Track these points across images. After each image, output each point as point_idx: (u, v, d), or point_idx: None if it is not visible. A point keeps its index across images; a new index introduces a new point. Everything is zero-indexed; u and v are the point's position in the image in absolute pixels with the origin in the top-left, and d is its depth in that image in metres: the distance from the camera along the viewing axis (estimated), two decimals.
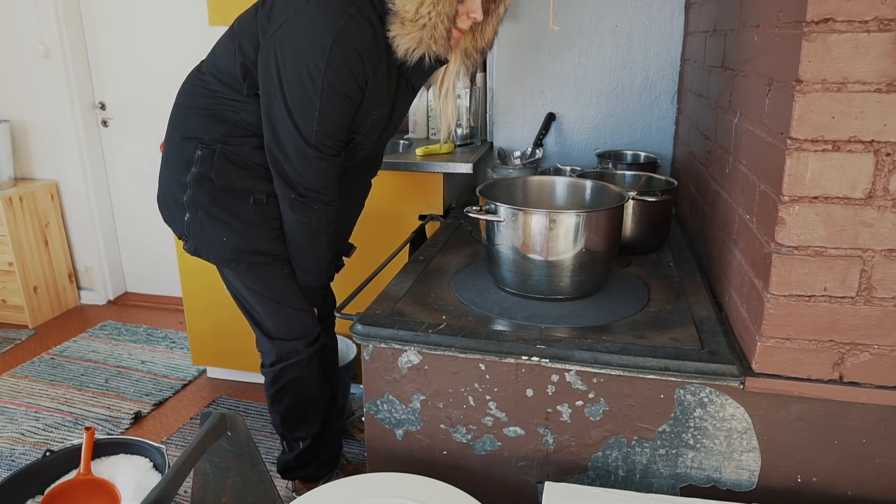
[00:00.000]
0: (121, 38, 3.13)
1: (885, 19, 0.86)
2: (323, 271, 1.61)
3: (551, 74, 2.29)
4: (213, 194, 1.48)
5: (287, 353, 1.66)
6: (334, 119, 1.37)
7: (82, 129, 3.22)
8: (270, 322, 1.64)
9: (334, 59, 1.30)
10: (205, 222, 1.50)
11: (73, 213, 3.37)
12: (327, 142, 1.39)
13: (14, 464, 2.12)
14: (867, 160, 0.92)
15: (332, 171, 1.44)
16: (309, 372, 1.69)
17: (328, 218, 1.50)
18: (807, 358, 1.03)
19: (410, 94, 1.57)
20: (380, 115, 1.49)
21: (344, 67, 1.31)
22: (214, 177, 1.47)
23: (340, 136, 1.42)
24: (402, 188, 2.13)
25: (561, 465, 1.19)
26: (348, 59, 1.31)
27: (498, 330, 1.20)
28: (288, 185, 1.43)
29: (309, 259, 1.56)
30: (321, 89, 1.32)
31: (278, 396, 1.71)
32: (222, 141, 1.47)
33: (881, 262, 0.95)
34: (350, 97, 1.37)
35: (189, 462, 1.06)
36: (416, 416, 1.24)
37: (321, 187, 1.44)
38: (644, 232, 1.60)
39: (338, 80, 1.32)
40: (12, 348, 2.96)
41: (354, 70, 1.33)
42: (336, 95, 1.34)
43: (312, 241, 1.52)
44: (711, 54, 1.61)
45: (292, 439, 1.78)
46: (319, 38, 1.29)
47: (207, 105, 1.49)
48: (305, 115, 1.35)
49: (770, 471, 1.10)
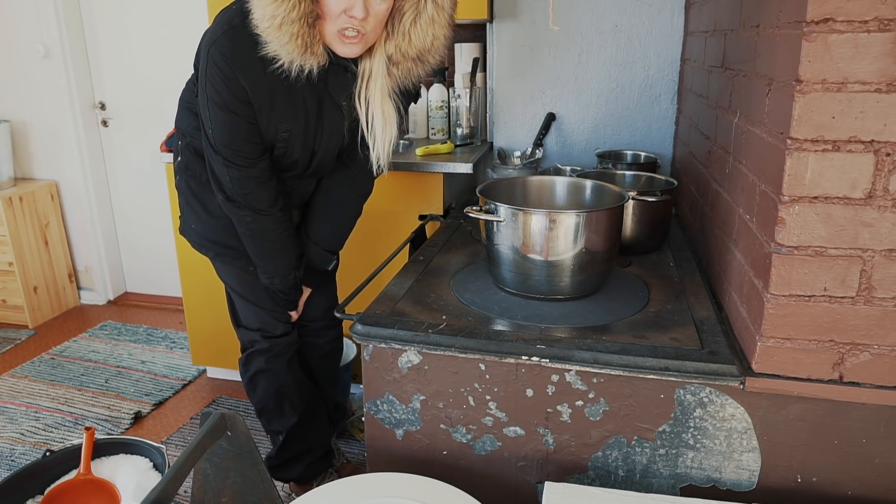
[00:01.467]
0: (121, 38, 3.13)
1: (885, 19, 0.86)
2: (276, 277, 1.59)
3: (551, 74, 2.29)
4: (189, 183, 1.58)
5: (249, 341, 1.72)
6: (226, 131, 1.35)
7: (82, 129, 3.22)
8: (240, 311, 1.72)
9: (210, 69, 1.30)
10: (184, 207, 1.62)
11: (73, 213, 3.37)
12: (228, 152, 1.37)
13: (14, 464, 2.12)
14: (867, 160, 0.92)
15: (247, 180, 1.41)
16: (277, 365, 1.72)
17: (262, 226, 1.48)
18: (807, 358, 1.03)
19: (338, 113, 1.44)
20: (294, 130, 1.41)
21: (218, 79, 1.29)
22: (186, 167, 1.57)
23: (244, 147, 1.37)
24: (402, 188, 2.13)
25: (561, 465, 1.19)
26: (221, 72, 1.29)
27: (498, 330, 1.20)
28: (217, 187, 1.47)
29: (258, 262, 1.58)
30: (207, 100, 1.34)
31: (251, 386, 1.77)
32: (192, 134, 1.53)
33: (881, 262, 0.95)
34: (232, 110, 1.32)
35: (189, 462, 1.06)
36: (416, 416, 1.24)
37: (241, 195, 1.43)
38: (644, 232, 1.60)
39: (215, 92, 1.31)
40: (12, 348, 2.96)
41: (228, 82, 1.29)
42: (217, 108, 1.33)
43: (253, 245, 1.53)
44: (711, 54, 1.61)
45: (272, 432, 1.83)
46: (204, 48, 1.32)
47: (190, 98, 1.54)
48: (206, 122, 1.37)
49: (770, 471, 1.10)
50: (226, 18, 1.29)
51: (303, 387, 1.78)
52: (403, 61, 1.33)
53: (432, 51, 1.33)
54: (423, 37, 1.29)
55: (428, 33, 1.29)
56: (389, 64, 1.34)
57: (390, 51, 1.31)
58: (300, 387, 1.77)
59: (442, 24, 1.30)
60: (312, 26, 1.22)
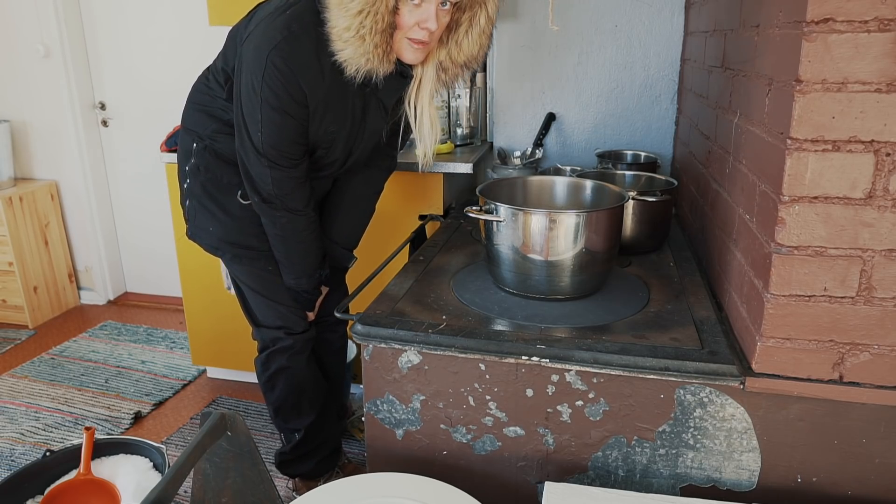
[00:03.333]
0: (121, 38, 3.13)
1: (885, 19, 0.86)
2: (302, 277, 1.63)
3: (551, 74, 2.29)
4: (204, 185, 1.58)
5: (271, 340, 1.71)
6: (276, 133, 1.39)
7: (82, 129, 3.22)
8: (257, 310, 1.70)
9: (269, 74, 1.32)
10: (197, 210, 1.61)
11: (73, 213, 3.37)
12: (275, 153, 1.41)
13: (14, 464, 2.12)
14: (867, 160, 0.92)
15: (289, 181, 1.45)
16: (297, 362, 1.72)
17: (296, 226, 1.52)
18: (807, 358, 1.03)
19: (382, 113, 1.52)
20: (340, 131, 1.47)
21: (278, 83, 1.33)
22: (205, 170, 1.57)
23: (290, 149, 1.42)
24: (403, 188, 2.13)
25: (561, 465, 1.19)
26: (282, 76, 1.32)
27: (498, 330, 1.20)
28: (253, 188, 1.48)
29: (285, 262, 1.60)
30: (260, 102, 1.35)
31: (269, 385, 1.76)
32: (213, 137, 1.55)
33: (881, 262, 0.95)
34: (289, 113, 1.37)
35: (189, 462, 1.06)
36: (416, 416, 1.24)
37: (280, 195, 1.46)
38: (644, 232, 1.60)
39: (273, 96, 1.34)
40: (12, 348, 2.96)
41: (288, 86, 1.33)
42: (272, 110, 1.36)
43: (285, 245, 1.56)
44: (711, 54, 1.61)
45: (287, 430, 1.82)
46: (261, 52, 1.33)
47: (205, 102, 1.57)
48: (253, 125, 1.39)
49: (770, 471, 1.10)
50: (283, 24, 1.32)
51: (319, 383, 1.80)
52: (452, 67, 1.42)
53: (477, 58, 1.43)
54: (473, 46, 1.39)
55: (476, 43, 1.39)
56: (440, 70, 1.42)
57: (442, 58, 1.40)
58: (317, 383, 1.79)
59: (488, 34, 1.40)
60: (391, 36, 1.31)
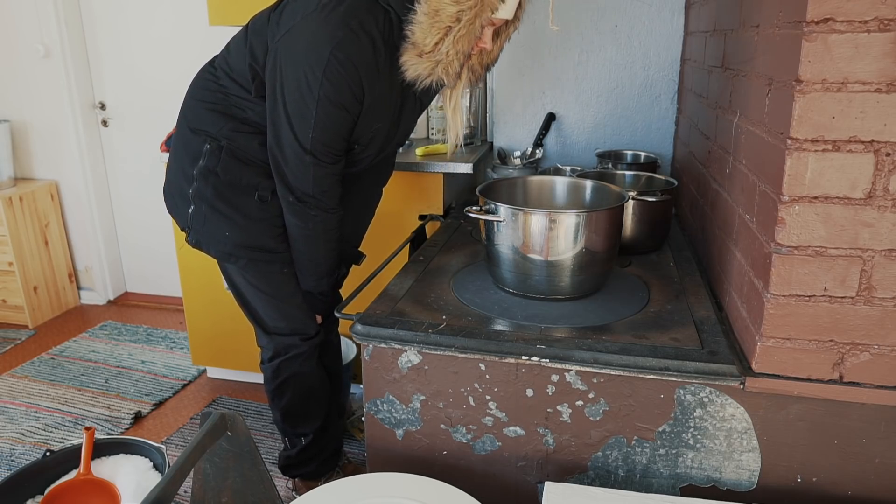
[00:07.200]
0: (121, 38, 3.13)
1: (885, 19, 0.86)
2: (323, 277, 1.61)
3: (551, 74, 2.29)
4: (217, 188, 1.51)
5: (284, 347, 1.67)
6: (330, 128, 1.38)
7: (82, 129, 3.22)
8: (267, 317, 1.66)
9: (331, 69, 1.31)
10: (208, 216, 1.52)
11: (73, 213, 3.37)
12: (323, 149, 1.40)
13: (14, 464, 2.12)
14: (867, 160, 0.92)
15: (329, 178, 1.45)
16: (308, 367, 1.71)
17: (327, 225, 1.51)
18: (807, 358, 1.03)
19: (418, 109, 1.60)
20: (381, 127, 1.50)
21: (340, 79, 1.33)
22: (220, 171, 1.50)
23: (337, 144, 1.42)
24: (403, 188, 2.13)
25: (561, 465, 1.19)
26: (345, 71, 1.33)
27: (498, 330, 1.20)
28: (287, 188, 1.45)
29: (308, 264, 1.58)
30: (318, 98, 1.34)
31: (279, 392, 1.72)
32: (229, 137, 1.50)
33: (881, 262, 0.95)
34: (346, 108, 1.38)
35: (189, 462, 1.06)
36: (416, 416, 1.24)
37: (318, 193, 1.45)
38: (644, 232, 1.60)
39: (334, 91, 1.34)
40: (12, 348, 2.96)
41: (351, 82, 1.34)
42: (332, 105, 1.35)
43: (311, 246, 1.54)
44: (711, 54, 1.61)
45: (294, 435, 1.80)
46: (319, 47, 1.31)
47: (217, 100, 1.52)
48: (303, 122, 1.36)
49: (770, 471, 1.10)
50: (341, 20, 1.32)
51: (326, 386, 1.79)
52: (479, 70, 1.51)
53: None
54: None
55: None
56: (470, 72, 1.50)
57: (473, 62, 1.48)
58: (324, 386, 1.78)
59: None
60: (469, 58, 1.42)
